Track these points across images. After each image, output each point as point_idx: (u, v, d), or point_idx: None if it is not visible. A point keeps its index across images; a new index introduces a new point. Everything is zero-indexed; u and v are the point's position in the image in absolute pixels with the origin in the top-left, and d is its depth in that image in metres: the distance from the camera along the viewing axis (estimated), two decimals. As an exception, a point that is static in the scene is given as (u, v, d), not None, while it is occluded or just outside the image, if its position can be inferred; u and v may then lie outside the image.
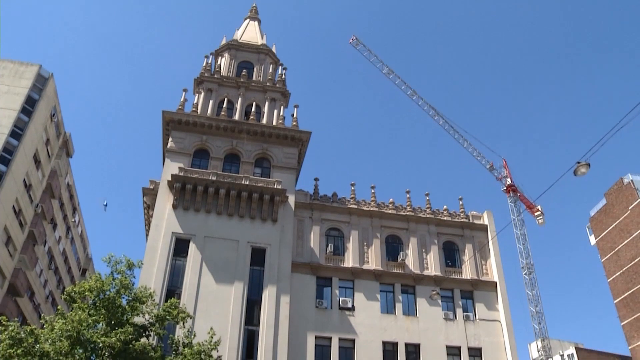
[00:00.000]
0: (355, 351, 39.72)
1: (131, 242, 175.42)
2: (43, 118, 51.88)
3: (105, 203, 36.94)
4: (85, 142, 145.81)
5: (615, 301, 65.33)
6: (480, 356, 42.07)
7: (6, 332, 28.62)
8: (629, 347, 62.76)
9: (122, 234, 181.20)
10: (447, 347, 41.52)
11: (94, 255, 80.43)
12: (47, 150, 54.17)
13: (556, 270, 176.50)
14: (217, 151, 45.55)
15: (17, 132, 47.77)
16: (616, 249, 65.88)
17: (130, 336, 29.37)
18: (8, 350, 28.09)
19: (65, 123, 58.67)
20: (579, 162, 22.36)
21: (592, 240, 71.11)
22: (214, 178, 42.72)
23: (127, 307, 31.33)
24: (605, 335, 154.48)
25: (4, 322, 29.46)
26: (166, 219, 41.45)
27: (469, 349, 41.94)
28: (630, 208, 64.41)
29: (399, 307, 42.44)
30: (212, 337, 31.42)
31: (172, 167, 43.50)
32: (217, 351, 32.12)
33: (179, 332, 33.51)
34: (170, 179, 42.50)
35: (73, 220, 66.70)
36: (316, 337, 39.49)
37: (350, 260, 43.11)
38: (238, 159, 45.95)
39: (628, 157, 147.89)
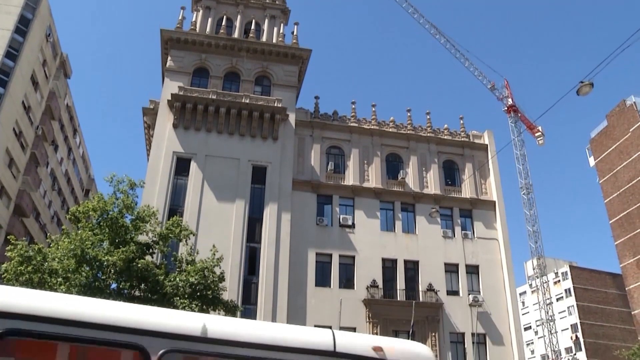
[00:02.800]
0: (355, 267, 40.65)
1: (133, 162, 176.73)
2: (38, 38, 50.97)
3: None
4: (84, 63, 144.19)
5: (610, 222, 66.29)
6: (478, 273, 43.06)
7: (15, 251, 29.29)
8: (620, 265, 64.24)
9: (123, 154, 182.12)
10: (445, 264, 42.46)
11: (96, 176, 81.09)
12: (45, 71, 53.53)
13: (554, 190, 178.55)
14: (217, 70, 45.03)
15: (12, 52, 47.03)
16: (614, 171, 66.27)
17: (134, 254, 30.05)
18: (19, 268, 28.83)
19: (62, 44, 57.82)
20: (582, 82, 22.26)
21: (591, 161, 71.41)
22: (214, 97, 42.44)
23: (130, 226, 31.86)
24: (598, 254, 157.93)
25: (12, 241, 30.14)
26: (167, 138, 41.47)
27: (467, 266, 42.89)
28: (631, 130, 64.33)
29: (398, 224, 43.10)
30: (214, 254, 32.10)
31: (172, 87, 43.11)
32: (220, 268, 32.82)
33: (182, 250, 34.15)
34: (170, 98, 42.19)
35: (74, 141, 66.85)
36: (317, 254, 40.32)
37: (350, 178, 43.43)
38: (238, 77, 45.48)
39: (631, 79, 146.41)
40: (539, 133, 56.72)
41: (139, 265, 29.65)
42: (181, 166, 40.96)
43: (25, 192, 50.03)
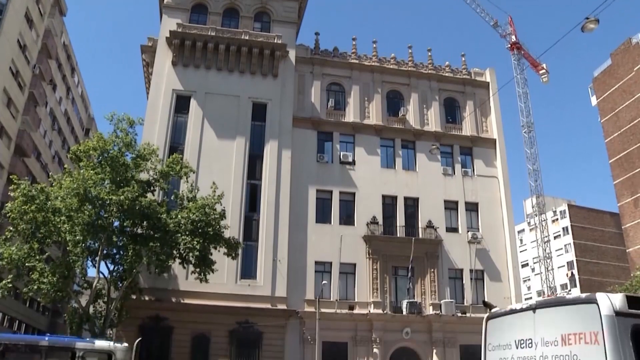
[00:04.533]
0: (355, 204, 40.99)
1: (132, 101, 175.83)
2: (30, -26, 49.84)
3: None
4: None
5: (610, 161, 66.35)
6: (477, 211, 43.44)
7: (19, 190, 29.54)
8: (618, 205, 64.69)
9: (123, 93, 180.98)
10: (445, 202, 42.80)
11: (96, 115, 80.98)
12: (39, 8, 52.52)
13: (555, 129, 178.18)
14: (216, 6, 44.15)
15: (3, -11, 46.08)
16: (616, 110, 65.85)
17: (136, 193, 30.24)
18: (23, 207, 29.14)
19: (55, -20, 56.44)
20: (587, 18, 22.04)
21: (594, 100, 70.84)
22: (213, 33, 41.82)
23: (131, 164, 31.98)
24: (597, 194, 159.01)
25: (15, 181, 30.31)
26: (166, 76, 41.10)
27: (466, 203, 43.23)
28: (635, 69, 63.54)
29: (398, 161, 43.21)
30: (214, 191, 32.33)
31: (170, 24, 42.38)
32: (221, 204, 33.13)
33: (183, 187, 34.40)
34: (168, 35, 41.57)
35: (72, 80, 66.30)
36: (317, 191, 40.58)
37: (351, 115, 43.25)
38: (237, 13, 44.64)
39: (638, 17, 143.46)
40: (543, 71, 56.12)
41: (142, 203, 29.98)
42: (181, 104, 40.78)
43: (25, 132, 49.99)
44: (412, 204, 42.30)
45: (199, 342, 34.97)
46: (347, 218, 40.74)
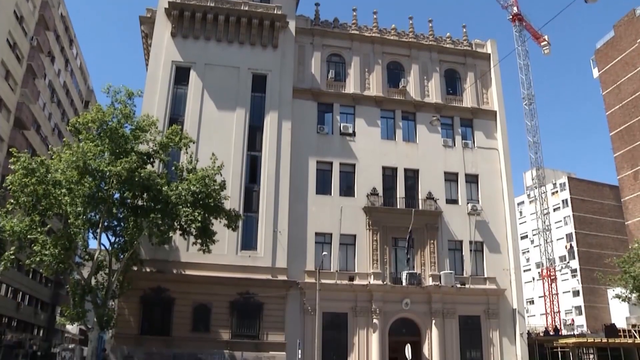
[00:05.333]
0: (355, 175, 41.00)
1: (132, 73, 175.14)
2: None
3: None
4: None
5: (611, 134, 66.35)
6: (477, 182, 43.47)
7: (19, 163, 29.56)
8: (618, 177, 64.87)
9: (122, 65, 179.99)
10: (445, 173, 42.80)
11: (96, 87, 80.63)
12: (35, -21, 52.01)
13: (556, 102, 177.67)
14: (214, -24, 43.61)
15: (-3, -42, 45.48)
16: (618, 82, 65.64)
17: (136, 164, 30.26)
18: (23, 180, 29.19)
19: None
20: (591, -13, 21.71)
21: (595, 73, 70.56)
22: (212, 4, 41.45)
23: (130, 136, 31.95)
24: (596, 167, 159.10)
25: (15, 154, 30.29)
26: (165, 47, 40.81)
27: (466, 175, 43.25)
28: (638, 41, 63.16)
29: (399, 133, 43.10)
30: (214, 162, 32.33)
31: (169, -6, 41.94)
32: (221, 176, 33.18)
33: (183, 159, 34.42)
34: (167, 6, 41.14)
35: (71, 52, 65.86)
36: (317, 162, 40.55)
37: (351, 86, 43.01)
38: (236, -17, 44.13)
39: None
40: (545, 42, 55.89)
41: (142, 175, 30.02)
42: (180, 75, 40.55)
43: (24, 104, 49.85)
44: (412, 176, 42.31)
45: (200, 313, 35.29)
46: (347, 189, 40.78)
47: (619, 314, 65.80)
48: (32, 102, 51.31)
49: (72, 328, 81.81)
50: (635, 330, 48.05)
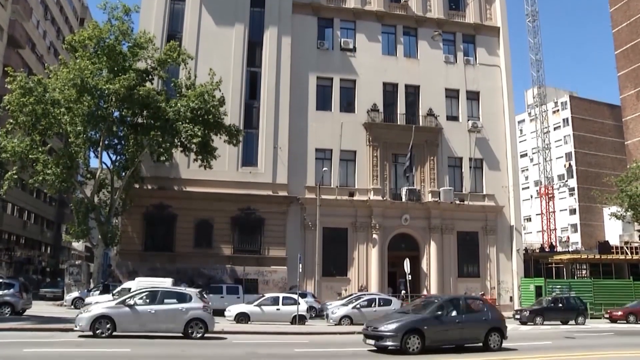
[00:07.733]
0: (355, 91, 40.71)
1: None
2: None
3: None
4: None
5: (616, 52, 65.14)
6: (478, 99, 43.27)
7: (15, 83, 29.30)
8: (620, 97, 64.20)
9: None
10: (446, 90, 42.52)
11: (90, 4, 78.67)
12: None
13: (560, 19, 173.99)
14: None
15: None
16: (627, -1, 63.84)
17: (134, 82, 30.01)
18: (21, 99, 29.01)
19: None
20: None
21: (603, -12, 68.62)
22: None
23: (128, 53, 31.54)
24: (599, 86, 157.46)
25: (11, 73, 29.93)
26: (160, -40, 39.52)
27: (467, 92, 42.97)
28: (651, -44, 61.01)
29: (400, 48, 42.44)
30: (212, 78, 32.02)
31: None
32: (220, 92, 32.95)
33: (182, 75, 34.07)
34: None
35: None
36: (317, 78, 40.18)
37: (352, 1, 41.85)
38: None
39: None
40: (550, -46, 53.85)
41: (140, 92, 29.85)
42: (177, -10, 39.49)
43: (17, 21, 48.66)
44: (412, 92, 42.02)
45: (202, 229, 35.93)
46: (348, 105, 40.58)
47: (613, 231, 66.76)
48: (24, 19, 50.08)
49: (78, 245, 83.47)
50: (627, 247, 49.15)
